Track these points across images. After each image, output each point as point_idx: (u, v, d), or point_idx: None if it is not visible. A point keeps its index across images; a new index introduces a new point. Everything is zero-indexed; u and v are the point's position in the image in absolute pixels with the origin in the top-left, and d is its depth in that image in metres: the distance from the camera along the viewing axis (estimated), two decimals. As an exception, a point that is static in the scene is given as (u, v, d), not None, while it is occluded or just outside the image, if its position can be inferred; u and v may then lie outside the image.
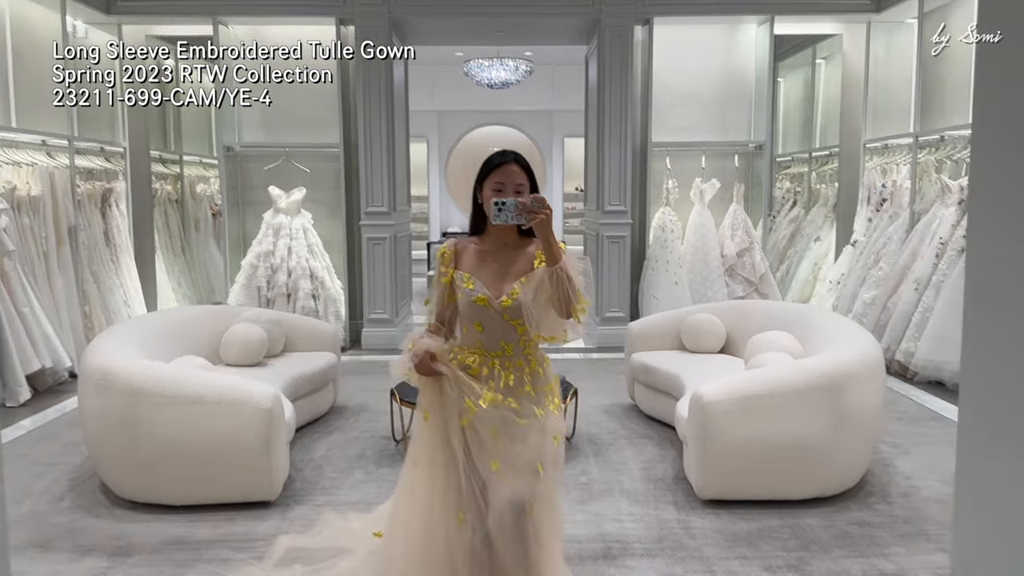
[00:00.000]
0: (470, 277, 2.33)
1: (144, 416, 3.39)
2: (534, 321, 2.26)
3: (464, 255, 2.40)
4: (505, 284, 2.32)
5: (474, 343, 2.37)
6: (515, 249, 2.36)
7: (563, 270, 2.18)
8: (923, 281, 5.71)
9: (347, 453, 4.23)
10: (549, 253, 2.19)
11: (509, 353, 2.35)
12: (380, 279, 6.89)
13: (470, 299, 2.31)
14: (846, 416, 3.42)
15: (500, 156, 2.36)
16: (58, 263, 6.03)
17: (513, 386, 2.32)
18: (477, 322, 2.34)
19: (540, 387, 2.37)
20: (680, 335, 4.87)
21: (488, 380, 2.33)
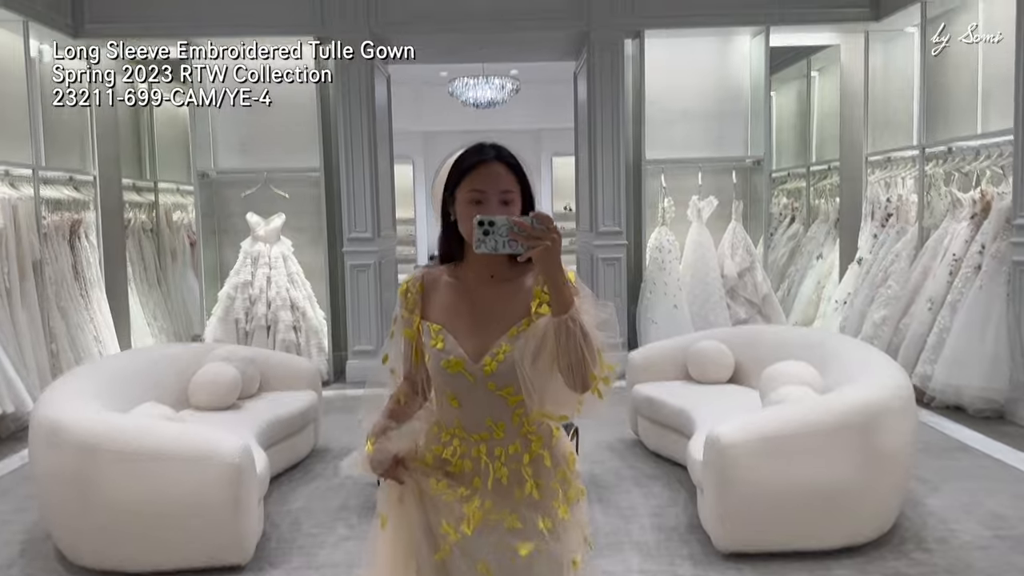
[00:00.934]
0: (439, 331, 1.68)
1: (98, 474, 3.04)
2: (534, 393, 1.61)
3: (433, 295, 1.73)
4: (490, 337, 1.66)
5: (451, 422, 1.73)
6: (504, 284, 1.69)
7: (575, 321, 1.53)
8: (937, 300, 5.42)
9: (328, 504, 3.87)
10: (557, 296, 1.52)
11: (499, 436, 1.70)
12: (365, 308, 6.55)
13: (439, 363, 1.67)
14: (878, 456, 3.10)
15: (477, 153, 1.67)
16: (22, 299, 5.66)
17: (508, 486, 1.68)
18: (451, 395, 1.70)
19: (547, 482, 1.70)
20: (685, 364, 4.55)
21: (473, 478, 1.70)
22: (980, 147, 5.52)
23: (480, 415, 1.68)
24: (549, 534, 1.66)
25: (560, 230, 1.51)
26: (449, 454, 1.71)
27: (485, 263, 1.67)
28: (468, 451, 1.70)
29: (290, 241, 6.70)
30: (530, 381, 1.59)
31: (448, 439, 1.72)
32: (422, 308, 1.72)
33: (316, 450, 4.65)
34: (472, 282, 1.70)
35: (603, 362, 1.57)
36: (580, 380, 1.54)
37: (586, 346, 1.53)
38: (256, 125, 6.84)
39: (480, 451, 1.69)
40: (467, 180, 1.64)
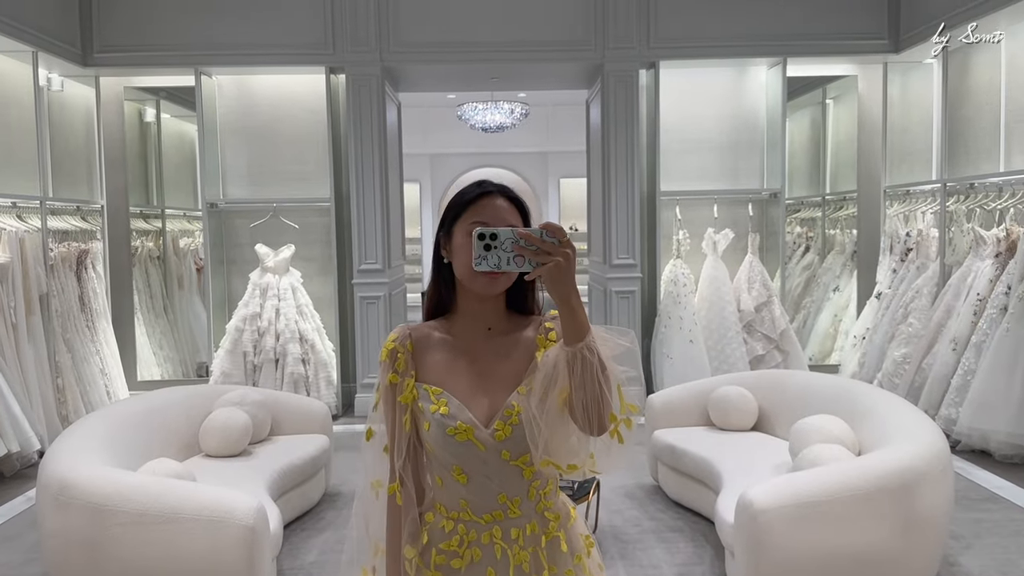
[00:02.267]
0: (440, 393, 1.47)
1: (109, 537, 2.92)
2: (540, 440, 1.38)
3: (425, 354, 1.51)
4: (497, 399, 1.46)
5: (454, 504, 1.50)
6: (502, 337, 1.50)
7: (592, 351, 1.31)
8: (961, 341, 5.31)
9: (340, 558, 3.75)
10: (571, 321, 1.31)
11: (514, 515, 1.48)
12: (375, 340, 6.44)
13: (444, 431, 1.45)
14: (916, 521, 2.98)
15: (478, 187, 1.49)
16: (28, 334, 5.57)
17: (530, 574, 1.48)
18: (457, 469, 1.47)
19: (561, 570, 1.51)
20: (707, 409, 4.44)
21: (486, 569, 1.47)
22: (1003, 183, 5.43)
23: (492, 491, 1.47)
24: None
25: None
26: (455, 544, 1.47)
27: (481, 314, 1.49)
28: (478, 537, 1.47)
29: (299, 272, 6.61)
30: (536, 423, 1.37)
31: (451, 526, 1.48)
32: (415, 369, 1.50)
33: (327, 494, 4.54)
34: (467, 338, 1.50)
35: (623, 400, 1.37)
36: (596, 421, 1.33)
37: (604, 380, 1.32)
38: (265, 155, 6.78)
39: (493, 535, 1.47)
40: (469, 212, 1.45)
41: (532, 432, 1.39)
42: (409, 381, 1.48)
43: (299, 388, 6.28)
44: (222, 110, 6.74)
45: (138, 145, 7.18)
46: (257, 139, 6.77)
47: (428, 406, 1.46)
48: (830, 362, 6.97)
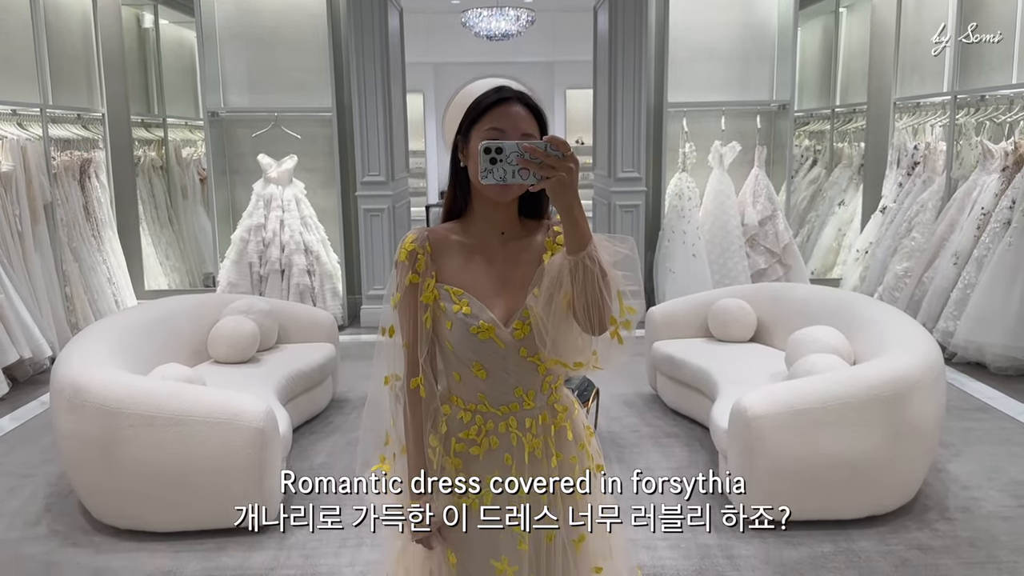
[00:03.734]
0: (461, 294, 1.53)
1: (121, 438, 3.02)
2: (548, 339, 1.47)
3: (444, 255, 1.56)
4: (514, 300, 1.53)
5: (472, 397, 1.58)
6: (514, 242, 1.56)
7: (593, 259, 1.38)
8: (963, 255, 5.32)
9: (349, 460, 3.88)
10: (573, 232, 1.37)
11: (529, 407, 1.58)
12: (379, 253, 6.47)
13: (467, 330, 1.53)
14: (907, 429, 3.07)
15: (497, 92, 1.52)
16: (34, 242, 5.62)
17: (540, 459, 1.59)
18: (477, 364, 1.55)
19: (566, 456, 1.63)
20: (707, 321, 4.50)
21: (503, 455, 1.57)
22: (1015, 96, 5.34)
23: (510, 385, 1.56)
24: (563, 510, 1.60)
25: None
26: (474, 433, 1.57)
27: (494, 219, 1.54)
28: (495, 427, 1.57)
29: (303, 183, 6.60)
30: (543, 324, 1.45)
31: (469, 417, 1.58)
32: (435, 270, 1.55)
33: (335, 401, 4.65)
34: (483, 241, 1.56)
35: (623, 304, 1.45)
36: (597, 322, 1.41)
37: (604, 287, 1.39)
38: (266, 62, 6.66)
39: (509, 425, 1.57)
40: (486, 118, 1.49)
41: (540, 333, 1.48)
42: (430, 281, 1.54)
43: (305, 299, 6.35)
44: (221, 15, 6.60)
45: (137, 52, 7.06)
46: (257, 45, 6.64)
47: (450, 306, 1.52)
48: (832, 276, 7.00)
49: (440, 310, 1.54)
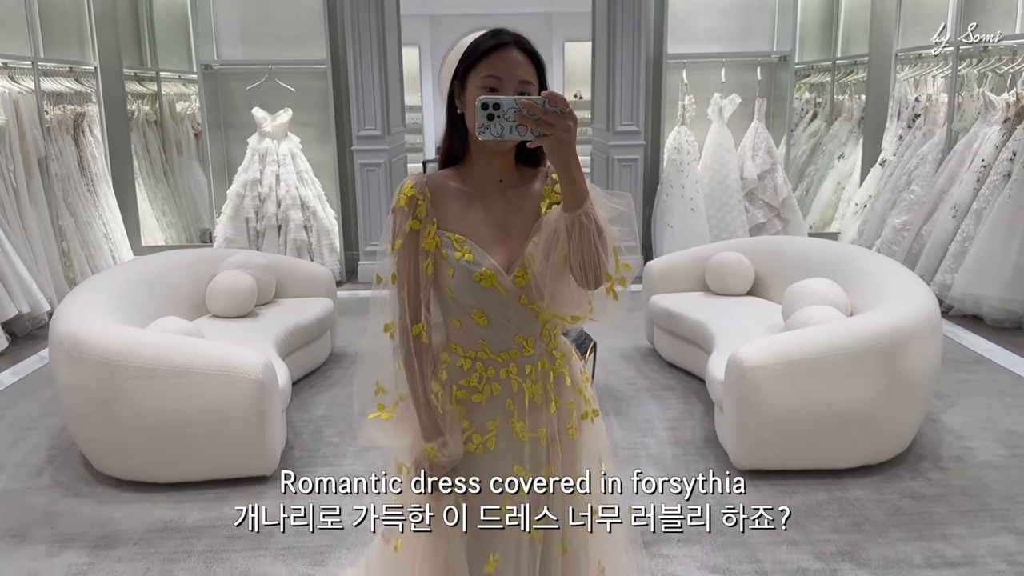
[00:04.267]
0: (463, 241, 1.51)
1: (121, 390, 3.04)
2: (545, 293, 1.49)
3: (443, 202, 1.54)
4: (514, 247, 1.52)
5: (472, 344, 1.58)
6: (513, 190, 1.55)
7: (590, 217, 1.38)
8: (962, 207, 5.30)
9: (348, 412, 3.91)
10: (570, 189, 1.36)
11: (528, 353, 1.58)
12: (376, 208, 6.44)
13: (469, 277, 1.51)
14: (902, 380, 3.09)
15: (495, 36, 1.49)
16: (29, 197, 5.58)
17: (539, 405, 1.60)
18: (478, 311, 1.54)
19: (564, 402, 1.64)
20: (704, 275, 4.50)
21: (505, 401, 1.58)
22: (1018, 47, 5.27)
23: (510, 332, 1.56)
24: (562, 455, 1.63)
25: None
26: (475, 380, 1.57)
27: (492, 166, 1.53)
28: (496, 373, 1.57)
29: (298, 138, 6.54)
30: (541, 279, 1.47)
31: (469, 364, 1.57)
32: (436, 217, 1.53)
33: (333, 355, 4.67)
34: (481, 188, 1.54)
35: (619, 261, 1.46)
36: (593, 278, 1.43)
37: (600, 244, 1.40)
38: (258, 14, 6.56)
39: (510, 371, 1.57)
40: (482, 64, 1.46)
41: (538, 288, 1.50)
42: (431, 228, 1.52)
43: (302, 255, 6.34)
44: (213, -34, 6.48)
45: (128, 3, 6.94)
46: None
47: (452, 253, 1.51)
48: (831, 230, 6.99)
49: (442, 257, 1.52)
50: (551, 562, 1.63)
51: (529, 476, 1.58)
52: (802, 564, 2.62)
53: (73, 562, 2.71)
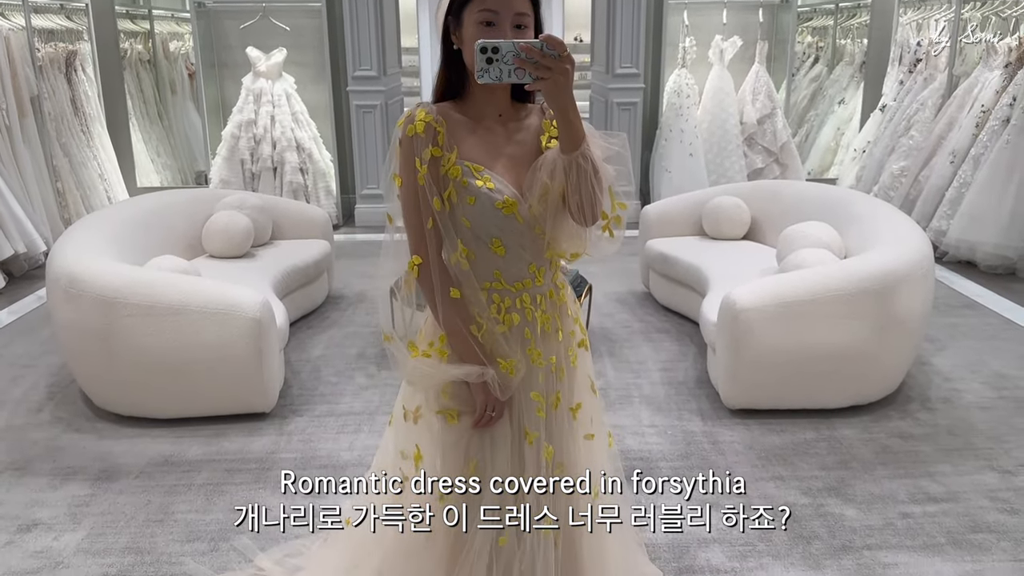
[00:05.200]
0: (482, 170, 1.50)
1: (120, 328, 3.06)
2: (546, 231, 1.54)
3: (455, 131, 1.52)
4: (520, 176, 1.53)
5: (486, 275, 1.57)
6: (513, 122, 1.56)
7: (586, 158, 1.41)
8: (960, 153, 5.29)
9: (346, 352, 3.95)
10: (567, 131, 1.39)
11: (539, 283, 1.60)
12: (372, 151, 6.40)
13: (492, 205, 1.50)
14: (893, 322, 3.12)
15: None
16: (23, 136, 5.54)
17: (549, 333, 1.64)
18: (496, 240, 1.53)
19: (566, 330, 1.68)
20: (701, 220, 4.50)
21: (524, 330, 1.60)
22: (1024, -11, 5.20)
23: (524, 261, 1.57)
24: (567, 380, 1.68)
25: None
26: (494, 312, 1.57)
27: (491, 101, 1.53)
28: (512, 303, 1.58)
29: (292, 78, 6.46)
30: (540, 217, 1.51)
31: (485, 296, 1.57)
32: (456, 146, 1.51)
33: (330, 297, 4.70)
34: (483, 121, 1.54)
35: (614, 200, 1.49)
36: (590, 216, 1.47)
37: (597, 184, 1.43)
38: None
39: (523, 301, 1.59)
40: (475, 0, 1.45)
41: (535, 239, 1.55)
42: (451, 156, 1.50)
43: (298, 198, 6.31)
44: (204, -101, 6.33)
45: (117, -62, 6.78)
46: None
47: (473, 181, 1.49)
48: (829, 176, 6.97)
49: (463, 186, 1.50)
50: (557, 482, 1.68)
51: (544, 401, 1.63)
52: (789, 499, 2.68)
53: (75, 494, 2.77)
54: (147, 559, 2.42)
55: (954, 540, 2.45)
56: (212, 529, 2.56)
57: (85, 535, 2.54)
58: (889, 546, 2.43)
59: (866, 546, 2.43)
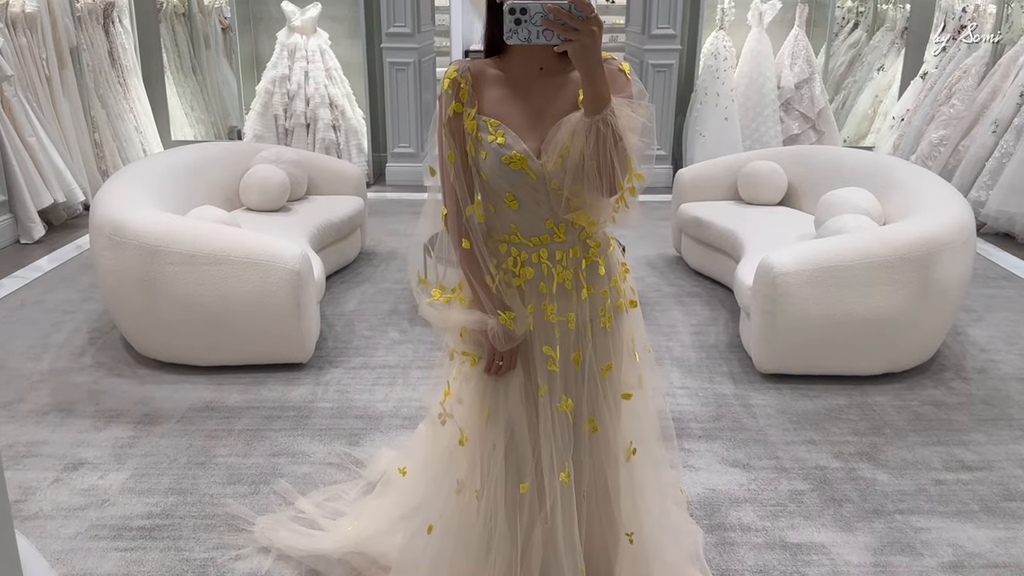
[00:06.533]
0: (497, 125, 1.54)
1: (162, 275, 3.12)
2: (565, 192, 1.54)
3: (483, 88, 1.57)
4: (548, 132, 1.54)
5: (504, 228, 1.62)
6: (553, 77, 1.57)
7: (607, 124, 1.41)
8: (1003, 123, 5.19)
9: (379, 308, 3.99)
10: (592, 94, 1.40)
11: (560, 240, 1.62)
12: (404, 109, 6.38)
13: (499, 160, 1.54)
14: (932, 290, 3.09)
15: None
16: (62, 87, 5.59)
17: (569, 291, 1.64)
18: (510, 195, 1.57)
19: (598, 291, 1.66)
20: (736, 184, 4.46)
21: (539, 284, 1.63)
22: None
23: (540, 216, 1.59)
24: (593, 340, 1.68)
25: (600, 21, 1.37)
26: (511, 264, 1.62)
27: (531, 54, 1.55)
28: (528, 258, 1.62)
29: (327, 33, 6.44)
30: (559, 178, 1.52)
31: (505, 249, 1.63)
32: (476, 100, 1.56)
33: (363, 253, 4.73)
34: (521, 76, 1.56)
35: (632, 171, 1.50)
36: (607, 185, 1.47)
37: (616, 153, 1.43)
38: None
39: (541, 256, 1.62)
40: None
41: (552, 195, 1.55)
42: (471, 111, 1.56)
43: (330, 155, 6.32)
44: None
45: None
46: None
47: (486, 136, 1.54)
48: (865, 144, 6.87)
49: (477, 140, 1.55)
50: (581, 439, 1.71)
51: (557, 356, 1.64)
52: (820, 462, 2.70)
53: (119, 436, 2.84)
54: (190, 499, 2.49)
55: (987, 507, 2.46)
56: (252, 473, 2.62)
57: (129, 475, 2.61)
58: (921, 511, 2.44)
59: (898, 510, 2.44)
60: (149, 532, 2.34)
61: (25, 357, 3.45)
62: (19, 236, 5.03)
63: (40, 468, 2.65)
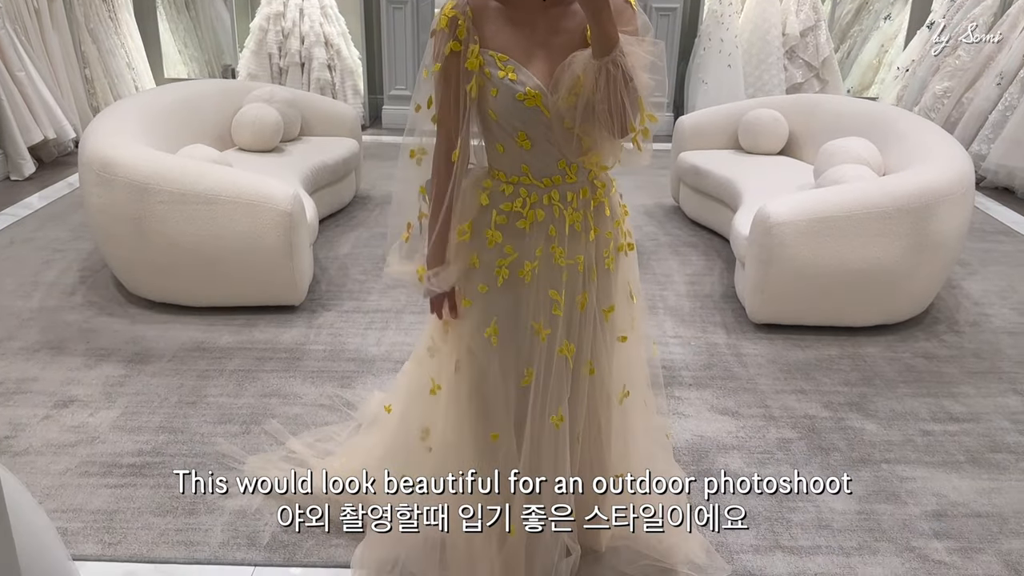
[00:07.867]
0: (506, 60, 1.48)
1: (152, 214, 3.08)
2: (573, 138, 1.51)
3: (485, 23, 1.50)
4: (555, 66, 1.48)
5: (514, 169, 1.57)
6: (556, 9, 1.50)
7: (617, 65, 1.37)
8: (1008, 75, 5.10)
9: (373, 252, 3.96)
10: (599, 34, 1.35)
11: (571, 180, 1.58)
12: (401, 50, 6.26)
13: (512, 96, 1.47)
14: (929, 242, 3.07)
15: None
16: (52, 20, 5.46)
17: (578, 233, 1.61)
18: (522, 134, 1.51)
19: (602, 232, 1.66)
20: (736, 133, 4.40)
21: (548, 227, 1.59)
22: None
23: (552, 156, 1.55)
24: (597, 282, 1.67)
25: None
26: (519, 206, 1.57)
27: None
28: (539, 199, 1.57)
29: (323, -31, 6.28)
30: (568, 113, 1.47)
31: (512, 190, 1.58)
32: (478, 36, 1.49)
33: (358, 197, 4.68)
34: (523, 9, 1.50)
35: (644, 112, 1.45)
36: (619, 127, 1.43)
37: (627, 93, 1.39)
38: None
39: (552, 197, 1.57)
40: None
41: (565, 134, 1.50)
42: (473, 47, 1.49)
43: (325, 96, 6.22)
44: None
45: None
46: None
47: (495, 72, 1.48)
48: (869, 95, 6.77)
49: (485, 77, 1.49)
50: (579, 381, 1.71)
51: (563, 300, 1.62)
52: (809, 412, 2.71)
53: (110, 374, 2.84)
54: (180, 438, 2.49)
55: (973, 458, 2.48)
56: (244, 413, 2.62)
57: (120, 413, 2.61)
58: (908, 461, 2.46)
59: (884, 460, 2.46)
60: (139, 469, 2.35)
61: (15, 295, 3.43)
62: (9, 173, 4.98)
63: (30, 405, 2.65)
